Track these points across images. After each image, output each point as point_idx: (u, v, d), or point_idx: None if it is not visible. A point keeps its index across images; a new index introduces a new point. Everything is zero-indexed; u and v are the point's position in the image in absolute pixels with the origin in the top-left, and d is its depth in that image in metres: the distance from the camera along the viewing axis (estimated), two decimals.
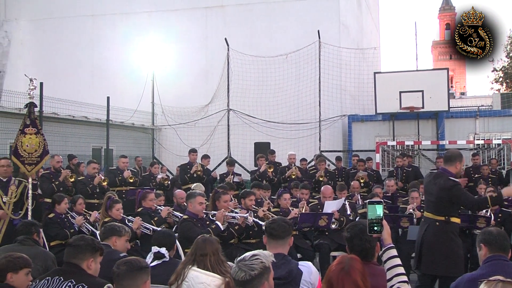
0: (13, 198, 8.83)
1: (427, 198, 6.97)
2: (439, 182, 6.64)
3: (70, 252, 4.35)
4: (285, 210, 9.60)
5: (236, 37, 19.39)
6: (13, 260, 4.66)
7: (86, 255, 4.32)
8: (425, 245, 6.68)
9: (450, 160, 6.75)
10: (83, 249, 4.33)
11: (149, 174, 13.83)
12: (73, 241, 4.42)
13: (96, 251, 4.39)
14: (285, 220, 4.85)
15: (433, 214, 6.71)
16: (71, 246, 4.38)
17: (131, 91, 19.72)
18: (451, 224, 6.65)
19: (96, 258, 4.40)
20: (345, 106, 18.86)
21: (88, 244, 4.39)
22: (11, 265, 4.62)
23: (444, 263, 6.54)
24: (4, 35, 20.16)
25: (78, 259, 4.29)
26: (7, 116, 13.64)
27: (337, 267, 3.48)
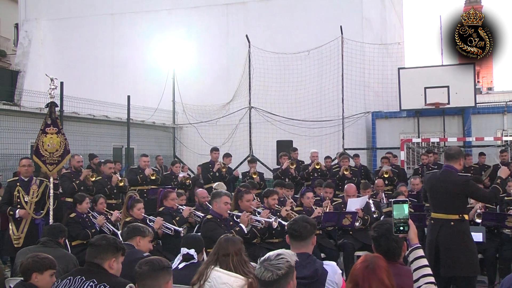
0: (35, 198, 8.96)
1: (436, 198, 6.83)
2: (450, 179, 6.56)
3: (92, 251, 4.38)
4: (308, 209, 9.57)
5: (257, 34, 19.40)
6: (39, 261, 4.75)
7: (108, 254, 4.34)
8: (443, 247, 6.55)
9: (454, 157, 6.68)
10: (105, 248, 4.35)
11: (171, 173, 13.88)
12: (95, 241, 4.44)
13: (118, 250, 4.42)
14: (307, 219, 4.81)
15: (445, 214, 6.59)
16: (93, 246, 4.40)
17: (151, 90, 19.82)
18: (465, 222, 6.58)
19: (118, 258, 4.42)
20: (369, 102, 18.74)
21: (110, 243, 4.41)
22: (37, 265, 4.72)
23: (464, 263, 6.44)
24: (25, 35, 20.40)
25: (100, 259, 4.31)
26: (28, 115, 13.79)
27: (361, 265, 3.46)
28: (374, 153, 17.96)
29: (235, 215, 8.20)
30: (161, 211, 9.11)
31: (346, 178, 12.99)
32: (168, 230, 8.45)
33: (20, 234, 8.78)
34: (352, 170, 13.85)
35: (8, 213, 8.88)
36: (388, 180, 13.28)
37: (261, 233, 8.43)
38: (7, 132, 13.10)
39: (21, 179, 9.10)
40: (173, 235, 8.42)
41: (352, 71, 18.30)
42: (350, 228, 9.38)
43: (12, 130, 13.23)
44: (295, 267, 3.59)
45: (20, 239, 8.72)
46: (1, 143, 12.90)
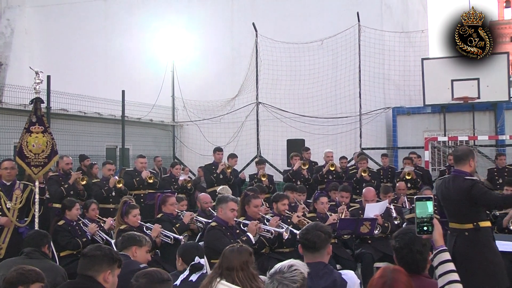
0: (18, 204, 8.90)
1: (446, 207, 6.77)
2: (455, 185, 6.49)
3: (85, 263, 4.36)
4: (322, 216, 9.54)
5: (265, 22, 19.34)
6: (24, 273, 4.69)
7: (103, 266, 4.32)
8: (459, 260, 6.47)
9: (462, 159, 6.59)
10: (99, 260, 4.33)
11: (170, 176, 13.89)
12: (89, 251, 4.42)
13: (114, 262, 4.40)
14: (321, 227, 4.77)
15: (458, 223, 6.53)
16: (86, 257, 4.38)
17: (149, 84, 19.83)
18: (482, 230, 6.44)
19: (114, 270, 4.40)
20: (389, 97, 18.67)
21: (105, 254, 4.39)
22: (23, 278, 4.65)
23: (482, 276, 6.34)
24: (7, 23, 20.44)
25: (94, 271, 4.30)
26: (11, 113, 13.78)
27: (378, 281, 3.42)
28: (395, 153, 17.90)
29: (242, 223, 8.16)
30: (160, 217, 9.11)
31: (364, 181, 12.96)
32: (167, 239, 8.43)
33: (1, 245, 8.71)
34: (371, 172, 13.80)
35: None
36: (411, 183, 13.22)
37: (270, 243, 8.39)
38: None
39: (3, 183, 9.03)
40: (172, 244, 8.40)
41: (370, 62, 18.22)
42: (368, 237, 9.34)
43: None
44: (310, 278, 3.56)
45: (1, 250, 8.68)
46: None
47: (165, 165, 16.82)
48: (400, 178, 13.36)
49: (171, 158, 19.60)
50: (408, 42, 19.38)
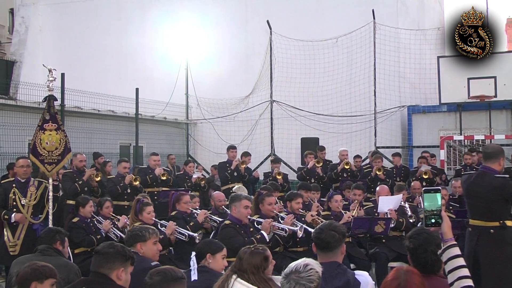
0: (33, 201, 8.99)
1: (471, 203, 6.76)
2: (487, 182, 6.46)
3: (98, 260, 4.38)
4: (336, 214, 9.54)
5: (279, 20, 19.32)
6: (38, 269, 4.75)
7: (115, 264, 4.34)
8: (482, 258, 6.43)
9: (493, 156, 6.59)
10: (112, 257, 4.35)
11: (184, 174, 13.92)
12: (102, 249, 4.45)
13: (127, 260, 4.41)
14: (335, 226, 4.75)
15: (483, 220, 6.50)
16: (99, 254, 4.41)
17: (162, 82, 19.88)
18: (508, 229, 6.44)
19: (127, 268, 4.41)
20: (404, 95, 18.58)
21: (118, 252, 4.41)
22: (36, 274, 4.71)
23: (508, 276, 6.33)
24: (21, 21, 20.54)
25: (107, 269, 4.32)
26: (25, 110, 13.89)
27: (392, 283, 3.41)
28: (410, 152, 17.83)
29: (256, 221, 8.17)
30: (174, 215, 9.12)
31: (379, 180, 12.91)
32: (181, 236, 8.45)
33: (16, 241, 8.81)
34: (386, 170, 13.77)
35: (2, 217, 8.92)
36: (427, 182, 13.15)
37: (284, 241, 8.41)
38: (2, 128, 13.20)
39: (18, 180, 9.13)
40: (187, 241, 8.42)
41: (385, 60, 18.14)
42: (383, 236, 9.32)
43: (8, 126, 13.32)
44: (324, 278, 3.56)
45: (16, 246, 8.76)
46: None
47: (178, 163, 16.86)
48: (416, 177, 13.30)
49: (184, 156, 19.63)
50: (424, 39, 19.28)
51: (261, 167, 17.49)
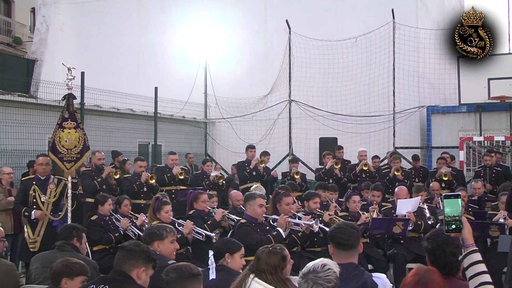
0: (52, 198, 9.07)
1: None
2: None
3: (121, 256, 4.39)
4: (354, 214, 9.51)
5: (298, 19, 19.31)
6: (69, 265, 4.86)
7: (138, 262, 4.34)
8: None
9: None
10: (136, 255, 4.36)
11: (202, 173, 13.93)
12: (127, 245, 4.47)
13: (149, 261, 4.42)
14: (352, 225, 4.75)
15: None
16: (124, 250, 4.42)
17: (181, 81, 19.94)
18: None
19: (148, 269, 4.41)
20: (424, 96, 18.48)
21: (143, 251, 4.43)
22: (67, 270, 4.82)
23: None
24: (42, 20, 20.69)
25: (129, 265, 4.32)
26: (45, 108, 13.98)
27: (412, 279, 3.40)
28: (429, 152, 17.72)
29: (271, 219, 8.18)
30: (191, 214, 9.14)
31: (397, 180, 12.85)
32: (198, 236, 8.47)
33: (36, 237, 8.89)
34: (404, 171, 13.70)
35: (23, 214, 9.01)
36: (446, 184, 13.07)
37: (301, 241, 8.40)
38: (23, 126, 13.29)
39: (38, 178, 9.22)
40: (204, 240, 8.44)
41: (404, 60, 18.05)
42: (401, 237, 9.27)
43: (28, 124, 13.42)
44: (341, 279, 3.55)
45: (36, 243, 8.84)
46: (16, 138, 13.10)
47: (197, 162, 16.89)
48: (435, 178, 13.21)
49: (203, 155, 19.67)
50: (444, 39, 19.16)
51: (279, 166, 17.49)
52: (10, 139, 12.94)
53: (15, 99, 13.51)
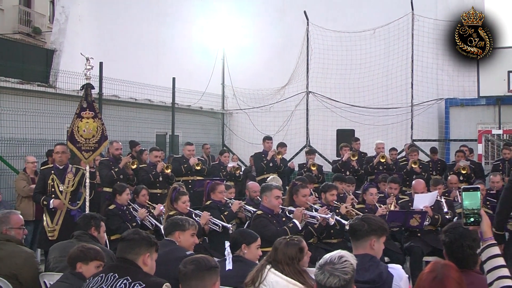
0: (71, 187, 9.12)
1: None
2: None
3: (124, 247, 4.44)
4: (371, 207, 9.50)
5: (316, 10, 19.24)
6: (84, 251, 5.00)
7: (141, 249, 4.40)
8: None
9: None
10: (138, 243, 4.42)
11: (219, 164, 13.97)
12: (127, 235, 4.52)
13: (151, 246, 4.48)
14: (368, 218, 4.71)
15: None
16: (125, 241, 4.48)
17: (199, 72, 19.94)
18: None
19: (152, 253, 4.48)
20: (442, 88, 18.36)
21: (143, 238, 4.48)
22: (81, 255, 4.94)
23: None
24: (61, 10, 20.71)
25: (134, 254, 4.38)
26: (64, 98, 14.09)
27: (428, 275, 3.38)
28: (447, 145, 17.64)
29: (287, 210, 8.18)
30: (208, 205, 9.16)
31: (415, 173, 12.82)
32: (215, 226, 8.49)
33: (54, 226, 8.96)
34: (422, 164, 13.63)
35: (41, 203, 9.09)
36: (464, 177, 13.00)
37: (318, 232, 8.41)
38: (42, 115, 13.39)
39: (56, 167, 9.28)
40: (220, 231, 8.46)
41: (423, 52, 17.95)
42: (418, 230, 9.25)
43: (47, 113, 13.53)
44: (356, 270, 3.55)
45: (54, 232, 8.92)
46: (36, 127, 13.18)
47: (214, 152, 16.93)
48: (453, 171, 13.14)
49: (220, 146, 19.71)
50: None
51: (296, 158, 17.49)
52: (29, 128, 13.03)
53: (35, 88, 13.60)
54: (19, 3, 30.46)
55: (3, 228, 5.86)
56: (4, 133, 12.52)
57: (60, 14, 20.64)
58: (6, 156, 12.57)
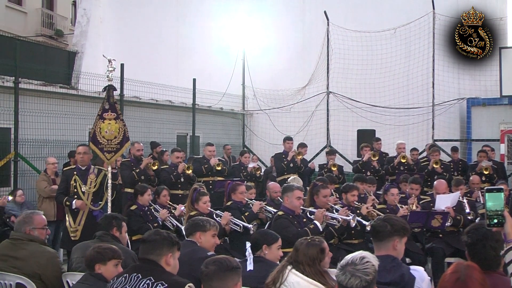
0: (93, 188, 9.20)
1: None
2: None
3: (146, 248, 4.47)
4: (392, 207, 9.45)
5: (337, 10, 19.19)
6: (100, 251, 5.01)
7: (163, 250, 4.42)
8: None
9: None
10: (159, 244, 4.43)
11: (239, 164, 14.00)
12: (148, 236, 4.54)
13: (173, 245, 4.49)
14: (390, 219, 4.71)
15: None
16: (146, 242, 4.50)
17: (219, 73, 19.98)
18: None
19: (175, 253, 4.50)
20: (464, 87, 18.20)
21: (165, 238, 4.49)
22: (99, 256, 4.96)
23: None
24: (83, 13, 20.86)
25: (156, 255, 4.40)
26: (86, 100, 14.21)
27: (451, 276, 3.36)
28: (469, 145, 17.48)
29: (308, 211, 8.17)
30: (229, 205, 9.18)
31: (436, 173, 12.73)
32: (236, 227, 8.50)
33: (77, 227, 9.04)
34: (443, 164, 13.54)
35: (64, 203, 9.17)
36: (486, 177, 12.88)
37: (339, 233, 8.38)
38: (64, 117, 13.51)
39: (78, 168, 9.36)
40: (241, 232, 8.47)
41: (444, 51, 17.82)
42: (440, 231, 9.18)
43: (69, 115, 13.65)
44: (378, 271, 3.53)
45: (77, 232, 8.99)
46: (58, 128, 13.29)
47: (234, 153, 16.94)
48: (475, 171, 13.03)
49: (240, 146, 19.73)
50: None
51: (316, 158, 17.45)
52: (52, 130, 13.13)
53: (57, 90, 13.72)
54: (42, 6, 30.76)
55: (27, 228, 5.92)
56: (27, 134, 12.63)
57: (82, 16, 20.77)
58: (29, 157, 12.70)
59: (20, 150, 12.46)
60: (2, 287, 5.67)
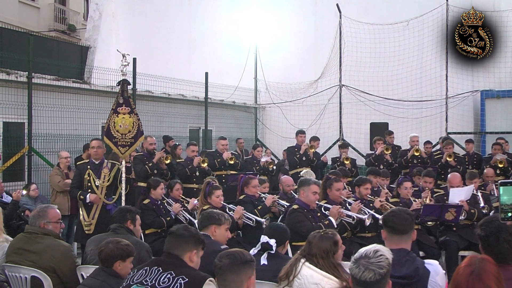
0: (106, 182, 9.26)
1: None
2: None
3: (172, 241, 4.45)
4: (405, 201, 9.43)
5: (349, 2, 19.10)
6: (122, 248, 5.04)
7: (189, 246, 4.40)
8: None
9: None
10: (186, 239, 4.42)
11: (252, 158, 14.00)
12: (176, 230, 4.51)
13: (199, 243, 4.48)
14: (407, 211, 4.73)
15: None
16: (174, 235, 4.47)
17: (231, 66, 19.96)
18: None
19: (199, 251, 4.47)
20: (478, 80, 18.07)
21: (193, 235, 4.48)
22: (120, 253, 4.99)
23: None
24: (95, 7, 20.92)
25: (181, 250, 4.38)
26: (99, 94, 14.24)
27: (465, 269, 3.34)
28: (483, 138, 17.37)
29: (323, 207, 8.17)
30: (242, 199, 9.20)
31: (450, 166, 12.69)
32: (249, 221, 8.53)
33: (91, 220, 9.12)
34: (457, 157, 13.49)
35: (78, 197, 9.24)
36: (501, 170, 12.81)
37: (352, 227, 8.38)
38: (77, 111, 13.59)
39: (92, 162, 9.43)
40: (254, 226, 8.49)
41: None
42: (453, 224, 9.16)
43: (82, 109, 13.72)
44: (392, 265, 3.53)
45: (91, 226, 9.07)
46: (71, 123, 13.37)
47: (247, 147, 16.96)
48: (490, 164, 12.96)
49: (253, 140, 19.73)
50: (500, 21, 18.68)
51: (329, 152, 17.43)
52: (65, 124, 13.21)
53: (70, 85, 13.76)
54: (54, 1, 30.89)
55: (41, 222, 5.97)
56: (41, 129, 12.70)
57: (94, 11, 20.83)
58: (43, 151, 12.78)
59: (34, 145, 12.53)
60: (18, 280, 5.73)
